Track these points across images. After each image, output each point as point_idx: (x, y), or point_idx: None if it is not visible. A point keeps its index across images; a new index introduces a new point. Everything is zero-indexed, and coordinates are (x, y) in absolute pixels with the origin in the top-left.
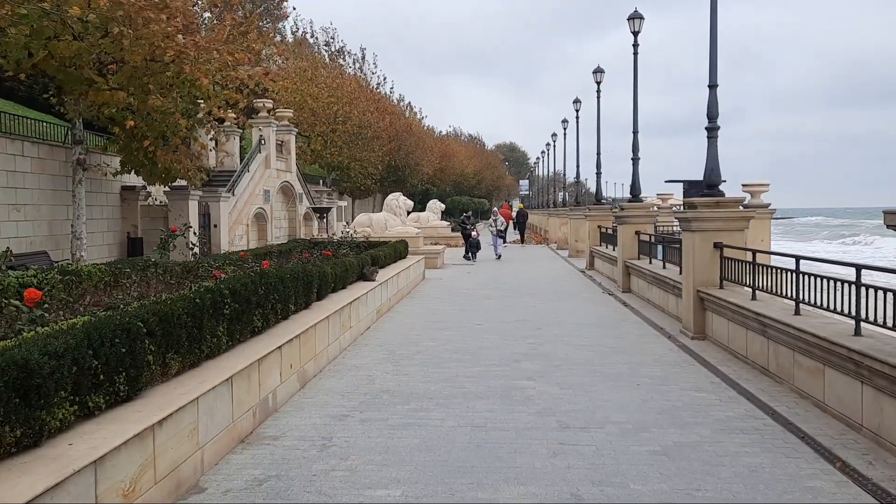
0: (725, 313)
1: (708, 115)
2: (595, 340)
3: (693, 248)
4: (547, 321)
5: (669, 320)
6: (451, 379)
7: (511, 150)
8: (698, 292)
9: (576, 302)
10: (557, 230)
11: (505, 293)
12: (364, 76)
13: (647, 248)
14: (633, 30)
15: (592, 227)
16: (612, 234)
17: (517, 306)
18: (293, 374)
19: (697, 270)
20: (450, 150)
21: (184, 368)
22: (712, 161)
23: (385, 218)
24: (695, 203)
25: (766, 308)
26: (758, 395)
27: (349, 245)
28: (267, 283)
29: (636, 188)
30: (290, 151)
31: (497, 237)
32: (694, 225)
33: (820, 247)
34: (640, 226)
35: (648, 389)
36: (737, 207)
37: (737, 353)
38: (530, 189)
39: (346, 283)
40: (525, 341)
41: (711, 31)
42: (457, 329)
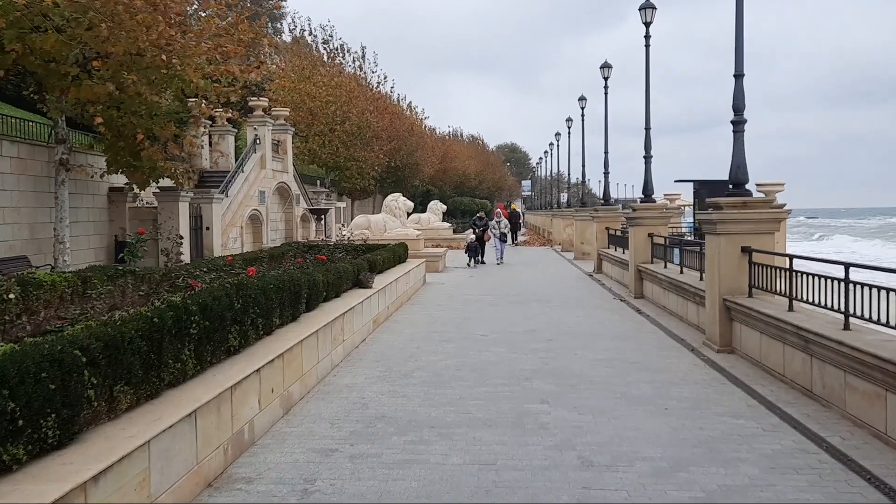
0: (757, 325)
1: (734, 107)
2: (612, 354)
3: (718, 253)
4: (558, 331)
5: (690, 331)
6: (455, 402)
7: (512, 151)
8: (724, 301)
9: (586, 309)
10: (562, 232)
11: (511, 299)
12: (363, 75)
13: (661, 251)
14: (645, 20)
15: (600, 228)
16: (621, 237)
17: (524, 314)
18: (275, 400)
19: (724, 277)
20: (451, 150)
21: (138, 402)
22: (739, 157)
23: (384, 220)
24: (720, 204)
25: (807, 321)
26: (805, 423)
27: (346, 248)
28: (245, 296)
29: (649, 188)
30: (286, 151)
31: (500, 240)
32: (719, 227)
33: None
34: (654, 227)
35: (679, 415)
36: (766, 208)
37: (771, 371)
38: (532, 190)
39: (340, 290)
40: (535, 355)
41: (738, 17)
42: (460, 341)
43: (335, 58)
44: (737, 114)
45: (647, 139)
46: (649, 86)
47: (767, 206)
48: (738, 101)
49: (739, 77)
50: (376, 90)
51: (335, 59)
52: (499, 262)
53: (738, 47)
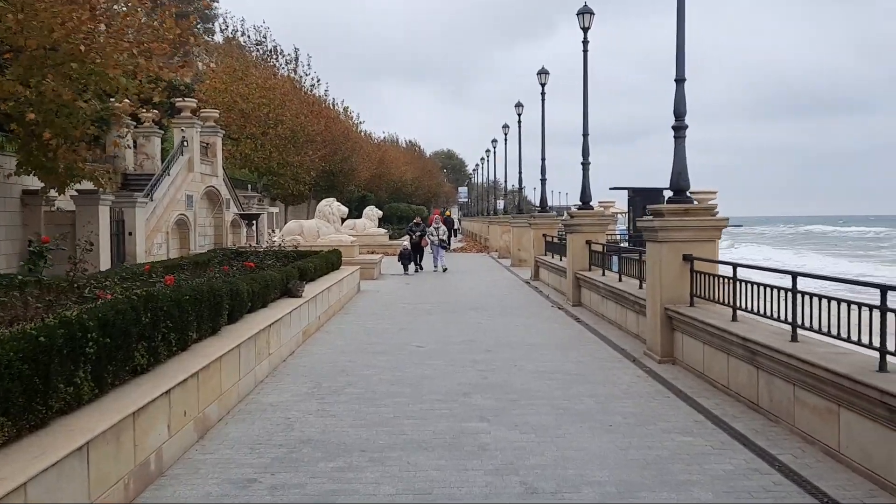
0: (700, 335)
1: (675, 112)
2: (553, 366)
3: (660, 261)
4: (497, 341)
5: (630, 340)
6: (388, 421)
7: (449, 158)
8: (666, 310)
9: (525, 318)
10: (499, 238)
11: (448, 308)
12: (298, 78)
13: (599, 258)
14: (583, 25)
15: (537, 235)
16: (558, 244)
17: (462, 323)
18: (188, 424)
19: (665, 286)
20: (387, 156)
21: (18, 435)
22: (680, 163)
23: (317, 225)
24: (662, 211)
25: (753, 332)
26: (754, 440)
27: (276, 255)
28: (156, 308)
29: (587, 194)
30: (216, 154)
31: (439, 247)
32: (661, 235)
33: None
34: (592, 235)
35: (625, 433)
36: (708, 215)
37: (716, 383)
38: (469, 196)
39: (267, 300)
40: (474, 368)
41: (679, 22)
42: (395, 353)
43: (269, 59)
44: (678, 119)
45: (584, 145)
46: (587, 91)
47: (709, 213)
48: (679, 107)
49: (681, 82)
50: (311, 93)
51: (269, 61)
52: (436, 269)
53: (680, 52)
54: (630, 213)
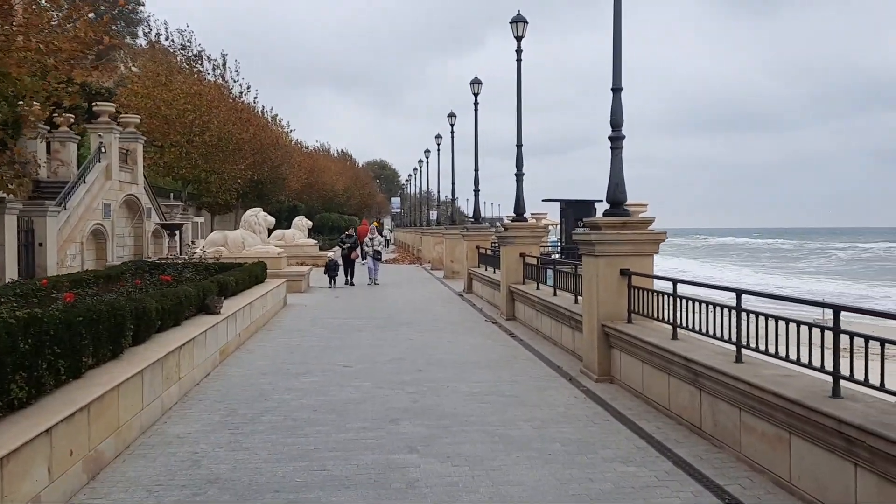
0: (639, 353)
1: (612, 122)
2: (488, 387)
3: (597, 276)
4: (428, 360)
5: (566, 357)
6: (309, 454)
7: (382, 168)
8: (603, 327)
9: (458, 333)
10: (431, 250)
11: (378, 323)
12: (225, 84)
13: (533, 271)
14: (517, 34)
15: (470, 247)
16: (492, 256)
17: (393, 340)
18: (76, 464)
19: (602, 302)
20: (319, 165)
21: None
22: (617, 175)
23: (242, 236)
24: (599, 224)
25: (696, 352)
26: (700, 468)
27: (197, 267)
28: (39, 332)
29: (521, 206)
30: (136, 161)
31: (373, 258)
32: (598, 249)
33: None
34: (526, 247)
35: (564, 462)
36: (645, 229)
37: (655, 403)
38: (402, 207)
39: (181, 318)
40: (404, 390)
41: (615, 30)
42: (320, 374)
43: (194, 65)
44: (615, 129)
45: (518, 156)
46: (521, 100)
47: (646, 226)
48: (616, 116)
49: (617, 91)
50: (239, 100)
51: (194, 67)
52: (371, 282)
53: (616, 61)
54: (562, 224)
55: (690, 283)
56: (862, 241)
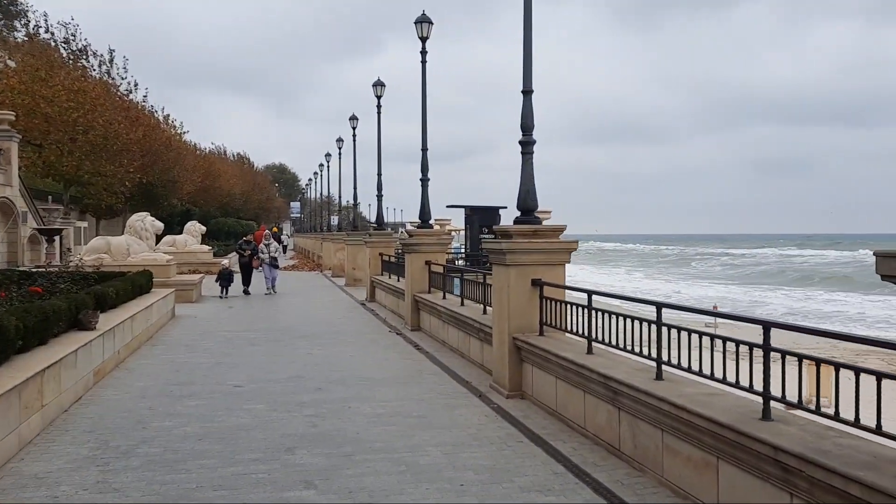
0: (553, 369)
1: (523, 126)
2: (394, 407)
3: (508, 286)
4: (329, 377)
5: (475, 371)
6: (189, 494)
7: (281, 172)
8: (514, 340)
9: (361, 346)
10: (332, 256)
11: (274, 335)
12: (112, 81)
13: (440, 280)
14: (421, 35)
15: (373, 254)
16: (396, 264)
17: (290, 354)
18: None
19: (513, 313)
20: (215, 168)
21: None
22: (528, 181)
23: (127, 242)
24: (509, 231)
25: (613, 368)
26: (622, 496)
27: (74, 277)
28: None
29: (426, 212)
30: (10, 161)
31: (270, 266)
32: (509, 258)
33: None
34: (432, 255)
35: (479, 494)
36: (556, 237)
37: (571, 422)
38: (302, 211)
39: (48, 336)
40: (301, 413)
41: (525, 31)
42: (207, 395)
43: (78, 60)
44: (525, 133)
45: (423, 160)
46: (426, 103)
47: (558, 234)
48: (526, 120)
49: (528, 94)
50: (127, 98)
51: (78, 62)
52: (268, 291)
53: (526, 62)
54: (467, 231)
55: (606, 295)
56: (746, 246)
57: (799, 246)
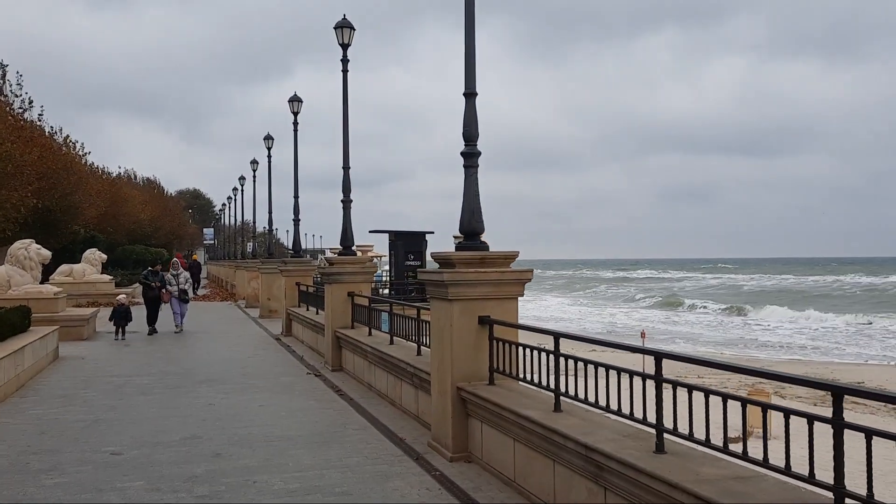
0: (510, 429)
1: (465, 134)
2: (311, 479)
3: (451, 325)
4: (232, 436)
5: (409, 423)
6: None
7: (195, 198)
8: (460, 391)
9: (274, 391)
10: (246, 285)
11: (173, 381)
12: (4, 97)
13: (365, 314)
14: (342, 41)
15: (289, 283)
16: (315, 294)
17: (188, 406)
18: None
19: (458, 357)
20: (123, 193)
21: None
22: (472, 201)
23: (9, 273)
24: (452, 260)
25: (596, 434)
26: None
27: None
28: None
29: (348, 237)
30: None
31: (179, 300)
32: (452, 291)
33: None
34: (355, 285)
35: None
36: (508, 266)
37: (535, 498)
38: (215, 238)
39: None
40: (192, 493)
41: (468, 28)
42: (74, 469)
43: None
44: (468, 143)
45: (345, 180)
46: (347, 118)
47: (509, 262)
48: (469, 127)
49: (471, 96)
50: (21, 117)
51: None
52: (177, 329)
53: (469, 60)
54: (391, 257)
55: (578, 339)
56: (660, 270)
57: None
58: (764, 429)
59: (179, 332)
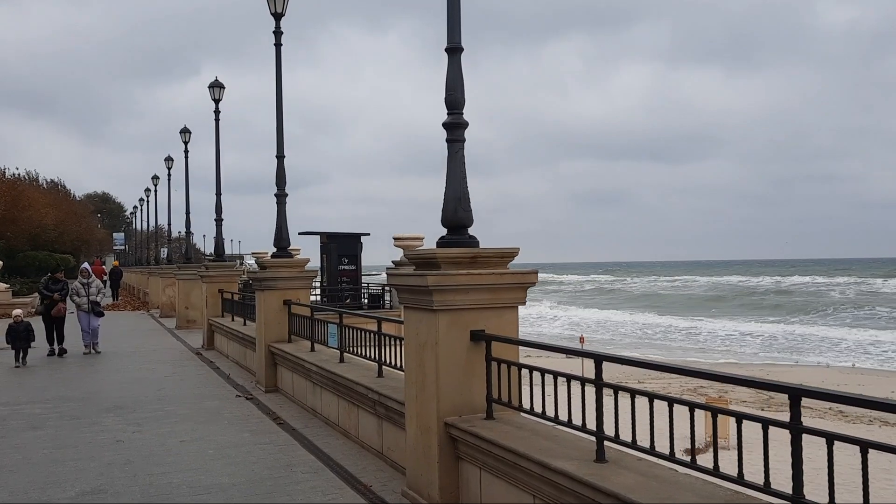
0: (533, 485)
1: (448, 101)
2: None
3: (436, 343)
4: (147, 489)
5: (372, 462)
6: None
7: (104, 201)
8: (449, 428)
9: (198, 421)
10: (161, 293)
11: (72, 409)
12: None
13: (306, 325)
14: (274, 11)
15: (211, 291)
16: (242, 303)
17: (89, 444)
18: None
19: (446, 384)
20: (24, 196)
21: None
22: (457, 184)
23: None
24: (436, 258)
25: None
26: None
27: None
28: None
29: (283, 237)
30: None
31: (89, 314)
32: (437, 299)
33: None
34: (294, 292)
35: None
36: (506, 266)
37: None
38: (126, 243)
39: None
40: None
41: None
42: None
43: None
44: (452, 111)
45: (279, 170)
46: (281, 99)
47: (507, 261)
48: (454, 91)
49: (455, 51)
50: None
51: None
52: (87, 350)
53: (453, 9)
54: (323, 261)
55: (625, 362)
56: (578, 274)
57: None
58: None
59: (90, 355)
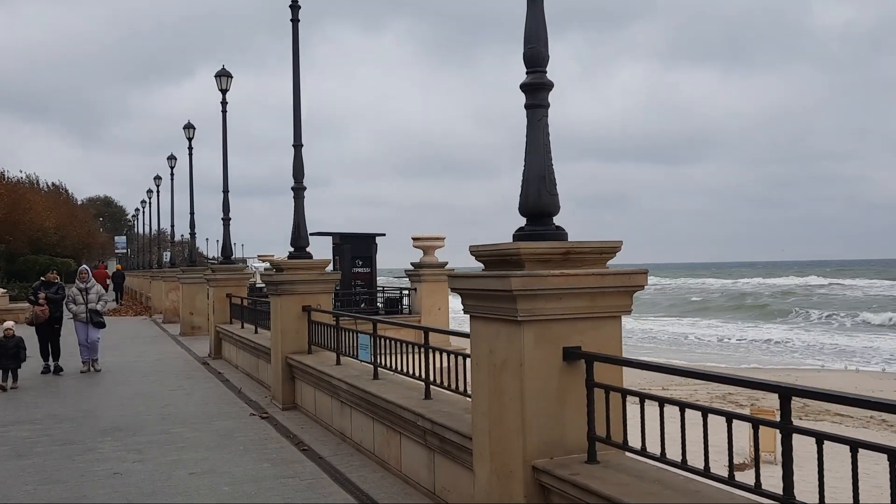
0: None
1: (527, 57)
2: None
3: (520, 363)
4: None
5: (412, 497)
6: None
7: (107, 205)
8: (538, 474)
9: (208, 447)
10: (164, 298)
11: (64, 431)
12: None
13: (329, 334)
14: None
15: (219, 296)
16: (253, 309)
17: (79, 478)
18: None
19: (532, 416)
20: (25, 200)
21: None
22: (541, 160)
23: None
24: (520, 255)
25: None
26: None
27: None
28: None
29: (301, 234)
30: None
31: (87, 325)
32: (522, 307)
33: None
34: (314, 297)
35: None
36: (604, 265)
37: None
38: (128, 247)
39: None
40: None
41: None
42: None
43: None
44: (533, 69)
45: (295, 164)
46: (298, 83)
47: (605, 259)
48: (536, 44)
49: None
50: None
51: None
52: (86, 367)
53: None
54: (337, 262)
55: (825, 398)
56: None
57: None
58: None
59: (87, 373)
